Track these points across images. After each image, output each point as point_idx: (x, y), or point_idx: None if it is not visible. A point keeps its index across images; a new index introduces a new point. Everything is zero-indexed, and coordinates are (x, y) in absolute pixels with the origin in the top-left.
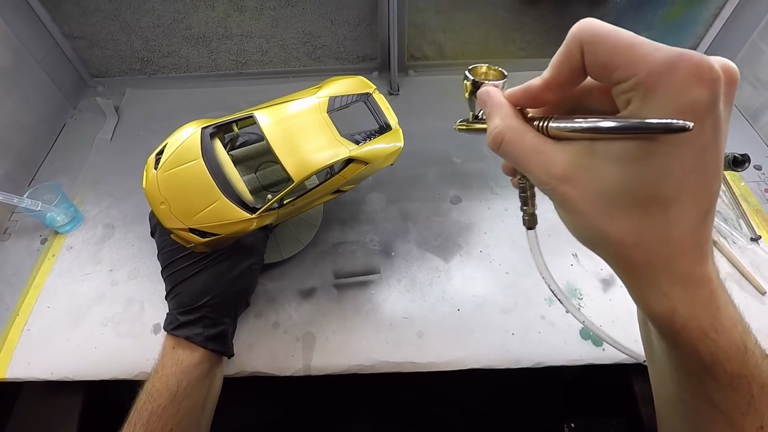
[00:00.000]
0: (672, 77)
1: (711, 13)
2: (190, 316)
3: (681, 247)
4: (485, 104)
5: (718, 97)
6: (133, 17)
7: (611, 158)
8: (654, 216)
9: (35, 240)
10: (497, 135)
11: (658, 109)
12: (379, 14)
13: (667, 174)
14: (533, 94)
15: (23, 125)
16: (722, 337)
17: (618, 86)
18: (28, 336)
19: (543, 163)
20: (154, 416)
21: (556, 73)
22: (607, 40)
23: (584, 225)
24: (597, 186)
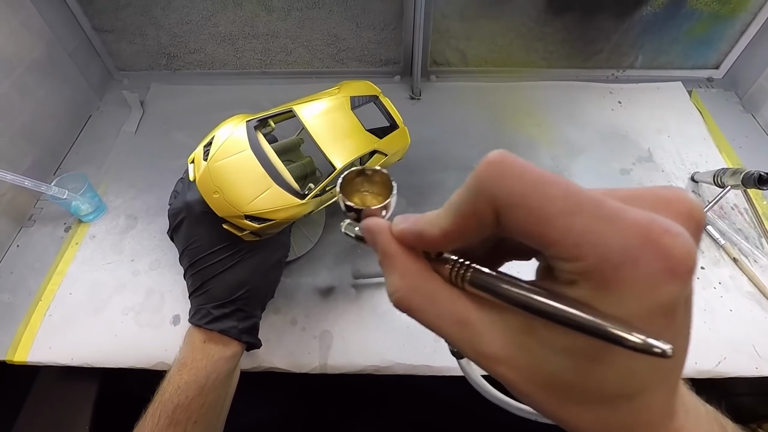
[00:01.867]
0: (635, 272)
1: (737, 30)
2: (225, 310)
3: (652, 425)
4: (374, 248)
5: (691, 285)
6: (163, 13)
7: (557, 347)
8: (618, 408)
9: (59, 227)
10: (400, 301)
11: (617, 307)
12: (404, 19)
13: (632, 373)
14: (427, 243)
15: (52, 115)
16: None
17: (557, 262)
18: (49, 321)
19: (468, 338)
20: (180, 408)
21: (458, 226)
22: (533, 203)
23: (532, 405)
24: (542, 374)
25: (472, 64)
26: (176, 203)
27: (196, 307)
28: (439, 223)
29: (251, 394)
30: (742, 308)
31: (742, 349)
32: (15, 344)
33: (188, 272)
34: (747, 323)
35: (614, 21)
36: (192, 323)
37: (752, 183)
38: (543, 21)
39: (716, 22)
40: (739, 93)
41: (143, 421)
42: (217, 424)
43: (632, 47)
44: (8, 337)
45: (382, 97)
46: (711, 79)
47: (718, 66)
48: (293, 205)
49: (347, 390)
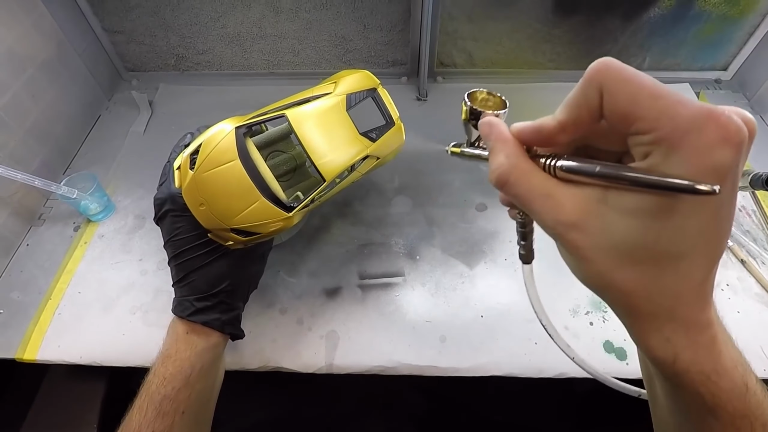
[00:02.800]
0: (698, 137)
1: (745, 32)
2: (208, 302)
3: (688, 299)
4: (488, 137)
5: (741, 158)
6: (172, 14)
7: (625, 210)
8: (664, 269)
9: (68, 227)
10: (501, 174)
11: (681, 167)
12: (411, 20)
13: (684, 232)
14: (545, 136)
15: (62, 115)
16: (724, 379)
17: (637, 137)
18: (59, 320)
19: (551, 207)
20: (167, 400)
21: (573, 116)
22: (629, 88)
23: (590, 272)
24: (607, 236)
25: (479, 65)
26: (161, 192)
27: (179, 299)
28: (555, 117)
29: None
30: (750, 310)
31: (750, 351)
32: (25, 342)
33: (172, 261)
34: (755, 325)
35: (622, 22)
36: (175, 314)
37: (760, 185)
38: (550, 22)
39: (724, 23)
40: (748, 94)
41: (130, 414)
42: (206, 414)
43: (640, 49)
44: (18, 335)
45: (380, 89)
46: (719, 80)
47: (726, 67)
48: (280, 218)
49: (353, 390)
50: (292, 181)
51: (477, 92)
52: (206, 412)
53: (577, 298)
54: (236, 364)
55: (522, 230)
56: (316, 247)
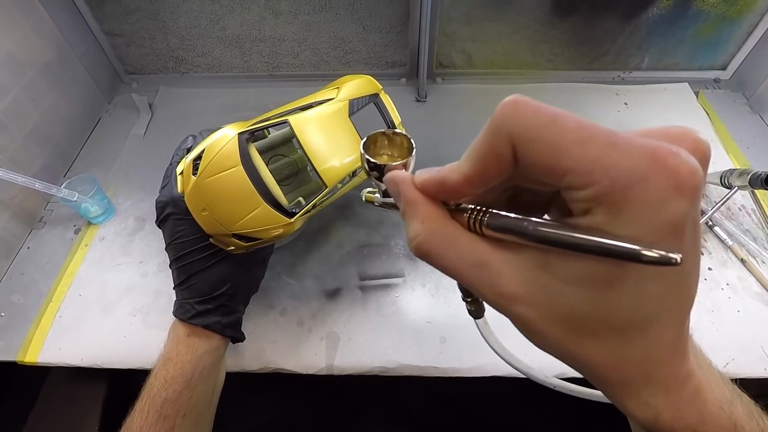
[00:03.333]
0: (644, 190)
1: (744, 31)
2: (208, 305)
3: (662, 361)
4: (396, 197)
5: (698, 203)
6: (171, 17)
7: (571, 278)
8: (630, 339)
9: (69, 229)
10: (420, 245)
11: (629, 227)
12: (410, 22)
13: (644, 299)
14: (449, 190)
15: (62, 118)
16: (710, 427)
17: (570, 191)
18: (60, 322)
19: (487, 280)
20: (168, 403)
21: (479, 168)
22: (548, 136)
23: (546, 345)
24: (557, 308)
25: (477, 66)
26: (163, 195)
27: (180, 302)
28: (460, 169)
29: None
30: (750, 309)
31: (750, 350)
32: (26, 345)
33: (173, 264)
34: (755, 324)
35: (620, 23)
36: (176, 317)
37: (759, 184)
38: (549, 23)
39: (723, 23)
40: (747, 94)
41: (131, 416)
42: (206, 417)
43: (638, 49)
44: (19, 337)
45: (382, 95)
46: (718, 80)
47: (725, 67)
48: (282, 224)
49: (354, 391)
50: (293, 185)
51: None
52: (207, 414)
53: None
54: (237, 365)
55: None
56: (316, 248)
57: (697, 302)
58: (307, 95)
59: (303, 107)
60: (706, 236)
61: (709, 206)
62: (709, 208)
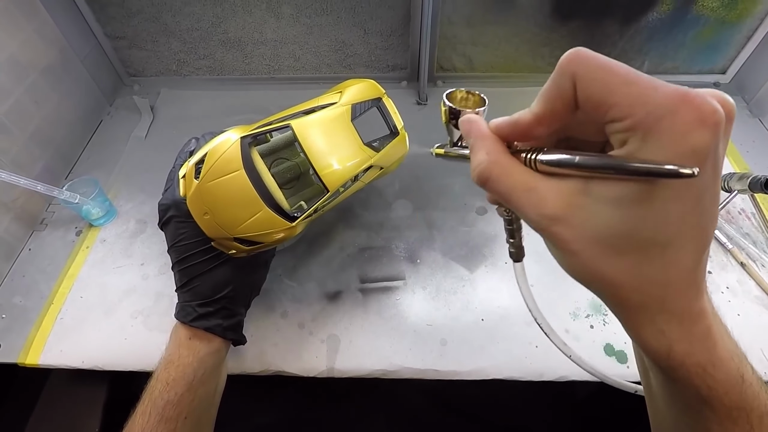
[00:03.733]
0: (673, 121)
1: (744, 35)
2: (210, 308)
3: (678, 287)
4: (468, 135)
5: (719, 139)
6: (174, 20)
7: (607, 199)
8: (651, 258)
9: (70, 231)
10: (483, 172)
11: (658, 152)
12: (411, 25)
13: (667, 218)
14: (522, 129)
15: (64, 120)
16: (719, 371)
17: (613, 125)
18: (61, 324)
19: (534, 201)
20: (170, 405)
21: (548, 108)
22: (602, 76)
23: (578, 265)
24: (592, 227)
25: (478, 69)
26: (166, 198)
27: (182, 304)
28: (532, 110)
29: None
30: (750, 313)
31: (750, 353)
32: (27, 347)
33: (175, 267)
34: (755, 328)
35: (620, 26)
36: (178, 320)
37: (759, 187)
38: (549, 27)
39: (722, 27)
40: (746, 98)
41: (133, 418)
42: (208, 419)
43: (638, 53)
44: (21, 339)
45: (385, 99)
46: (718, 83)
47: (724, 71)
48: (283, 228)
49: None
50: (295, 189)
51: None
52: (208, 416)
53: (577, 301)
54: (238, 368)
55: (509, 228)
56: (317, 251)
57: None
58: (310, 99)
59: (305, 111)
60: None
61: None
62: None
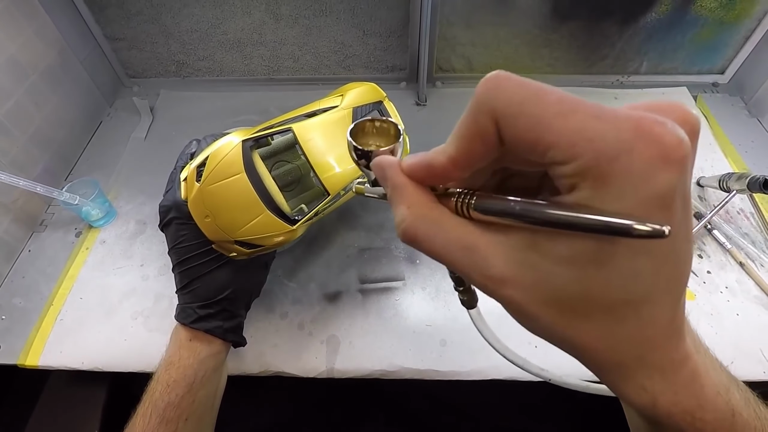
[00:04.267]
0: (630, 162)
1: (742, 36)
2: (210, 310)
3: (657, 343)
4: (383, 183)
5: (687, 174)
6: (173, 21)
7: (561, 257)
8: (624, 318)
9: (70, 233)
10: (406, 230)
11: (616, 201)
12: (410, 26)
13: (636, 276)
14: (437, 173)
15: (64, 122)
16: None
17: (555, 168)
18: (61, 325)
19: (475, 262)
20: (170, 407)
21: (464, 150)
22: (529, 109)
23: (537, 328)
24: (547, 289)
25: (477, 70)
26: (166, 200)
27: (182, 306)
28: (446, 151)
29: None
30: (749, 312)
31: (749, 353)
32: (27, 348)
33: (176, 269)
34: (754, 327)
35: (619, 27)
36: (178, 321)
37: (758, 187)
38: (548, 28)
39: (721, 28)
40: (745, 98)
41: (133, 421)
42: (208, 420)
43: (637, 53)
44: (21, 341)
45: (386, 102)
46: (716, 84)
47: (723, 71)
48: (283, 231)
49: (355, 394)
50: (296, 191)
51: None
52: (209, 418)
53: None
54: (237, 369)
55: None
56: (316, 251)
57: (696, 306)
58: (309, 99)
59: (307, 114)
60: (705, 239)
61: (708, 210)
62: (708, 211)
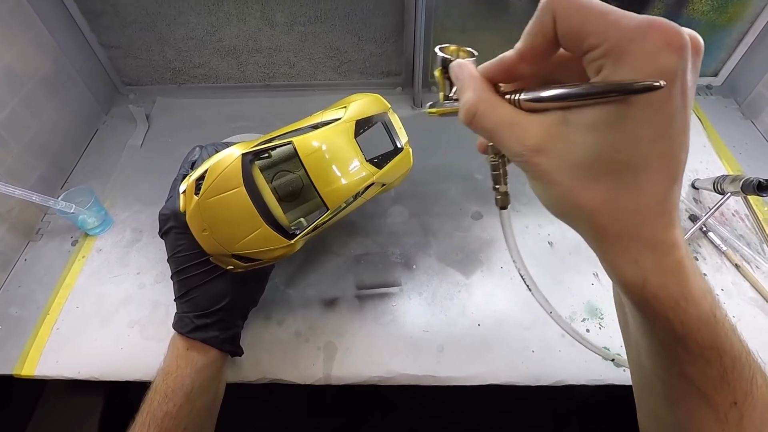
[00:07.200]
0: (642, 43)
1: (734, 38)
2: (207, 320)
3: (650, 215)
4: (457, 78)
5: (686, 62)
6: (168, 29)
7: (584, 126)
8: (625, 183)
9: (66, 241)
10: (470, 108)
11: (630, 74)
12: (405, 32)
13: (638, 140)
14: (507, 67)
15: (59, 130)
16: (692, 306)
17: (589, 54)
18: (57, 335)
19: (516, 134)
20: (168, 417)
21: (530, 43)
22: (578, 8)
23: (557, 195)
24: (570, 155)
25: None
26: (166, 208)
27: (180, 315)
28: (515, 48)
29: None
30: (745, 315)
31: None
32: (23, 358)
33: (174, 277)
34: (750, 330)
35: None
36: (175, 330)
37: (752, 189)
38: None
39: (713, 31)
40: (739, 100)
41: (132, 430)
42: (207, 429)
43: None
44: (17, 350)
45: (390, 114)
46: (710, 86)
47: (716, 73)
48: (281, 246)
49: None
50: (297, 202)
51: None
52: (207, 426)
53: (573, 305)
54: (235, 376)
55: (495, 173)
56: (313, 258)
57: None
58: (307, 107)
59: (311, 126)
60: (700, 242)
61: (703, 212)
62: (703, 213)
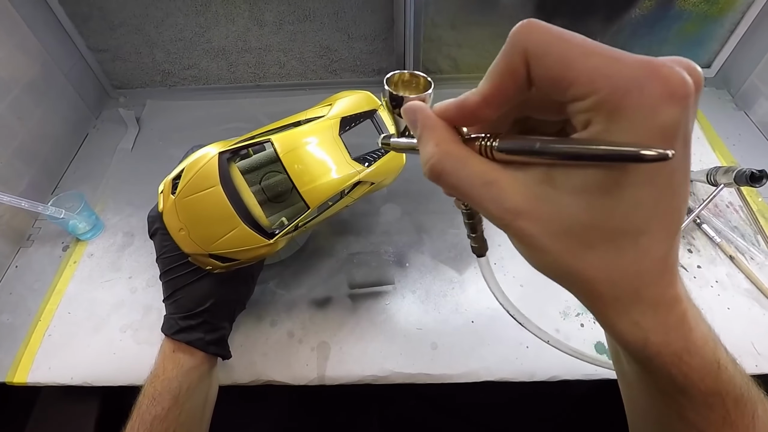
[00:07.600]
0: (640, 97)
1: (726, 29)
2: (191, 321)
3: (652, 277)
4: (414, 125)
5: (689, 113)
6: (156, 31)
7: (573, 189)
8: (624, 249)
9: (57, 247)
10: (434, 165)
11: (625, 133)
12: (395, 29)
13: (638, 205)
14: (469, 112)
15: (48, 135)
16: (695, 358)
17: (574, 104)
18: (49, 341)
19: (493, 196)
20: (157, 420)
21: (497, 87)
22: (557, 49)
23: (546, 261)
24: (558, 220)
25: (464, 71)
26: (153, 209)
27: (167, 317)
28: (479, 90)
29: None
30: (739, 306)
31: (740, 347)
32: (15, 365)
33: (162, 278)
34: (745, 321)
35: (603, 24)
36: (162, 332)
37: (744, 180)
38: None
39: (705, 22)
40: (732, 91)
41: None
42: None
43: (622, 49)
44: (8, 358)
45: (381, 111)
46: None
47: (709, 65)
48: (260, 245)
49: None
50: (287, 203)
51: (397, 75)
52: (199, 430)
53: (567, 300)
54: (228, 378)
55: (470, 222)
56: (305, 257)
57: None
58: (299, 107)
59: (292, 124)
60: (694, 234)
61: (697, 204)
62: (697, 205)
